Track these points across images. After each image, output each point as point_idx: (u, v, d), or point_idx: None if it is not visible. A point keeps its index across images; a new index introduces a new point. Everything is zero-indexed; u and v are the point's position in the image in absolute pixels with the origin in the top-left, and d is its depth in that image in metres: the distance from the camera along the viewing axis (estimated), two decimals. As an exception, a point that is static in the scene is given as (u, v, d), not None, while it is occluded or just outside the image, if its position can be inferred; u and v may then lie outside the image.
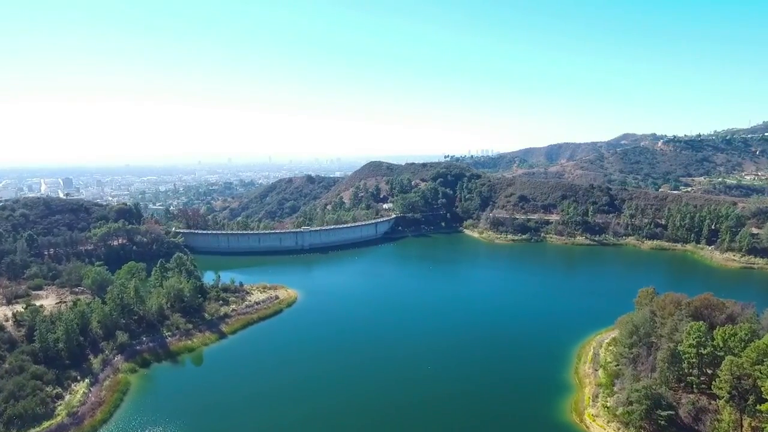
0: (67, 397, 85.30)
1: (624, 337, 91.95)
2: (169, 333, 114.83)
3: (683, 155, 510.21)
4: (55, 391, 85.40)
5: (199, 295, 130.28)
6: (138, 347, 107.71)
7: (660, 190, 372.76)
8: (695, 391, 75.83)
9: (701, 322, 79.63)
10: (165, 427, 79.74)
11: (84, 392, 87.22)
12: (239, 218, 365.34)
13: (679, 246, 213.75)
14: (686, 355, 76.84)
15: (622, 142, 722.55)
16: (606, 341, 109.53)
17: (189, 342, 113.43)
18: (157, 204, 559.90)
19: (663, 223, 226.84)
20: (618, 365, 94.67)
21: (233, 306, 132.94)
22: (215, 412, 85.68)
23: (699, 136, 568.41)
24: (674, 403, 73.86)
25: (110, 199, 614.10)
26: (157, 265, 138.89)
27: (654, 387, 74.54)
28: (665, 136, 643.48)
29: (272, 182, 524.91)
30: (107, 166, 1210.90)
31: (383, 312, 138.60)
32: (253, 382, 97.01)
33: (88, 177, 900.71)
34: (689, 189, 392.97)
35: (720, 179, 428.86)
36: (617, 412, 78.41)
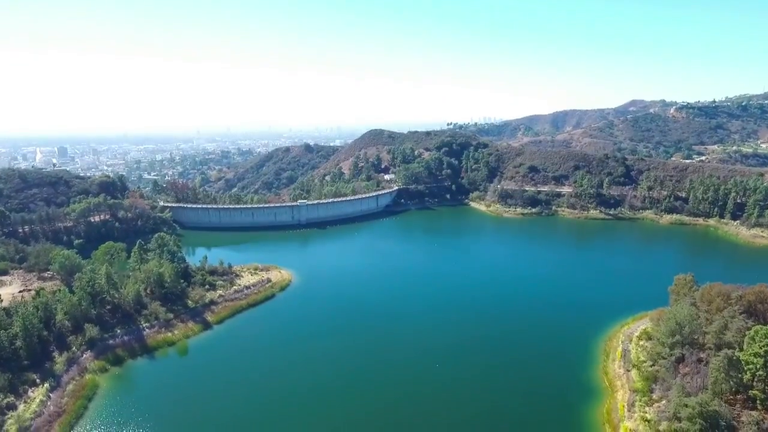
0: (21, 407, 73.75)
1: (663, 335, 79.63)
2: (147, 324, 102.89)
3: (696, 122, 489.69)
4: (6, 401, 73.74)
5: (182, 280, 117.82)
6: (111, 341, 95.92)
7: (672, 158, 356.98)
8: (759, 407, 63.89)
9: (768, 327, 66.91)
10: (133, 443, 68.90)
11: (41, 400, 75.69)
12: (234, 189, 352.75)
13: (700, 221, 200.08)
14: (749, 366, 64.47)
15: (630, 108, 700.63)
16: (636, 334, 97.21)
17: (169, 334, 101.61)
18: (153, 173, 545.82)
19: (683, 196, 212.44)
20: (654, 365, 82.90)
21: (220, 291, 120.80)
22: (196, 417, 74.78)
23: (714, 102, 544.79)
24: (734, 423, 61.93)
25: (105, 168, 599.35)
26: (136, 246, 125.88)
27: (708, 402, 62.38)
28: (675, 102, 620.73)
29: (270, 151, 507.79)
30: (105, 135, 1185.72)
31: (384, 296, 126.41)
32: (240, 380, 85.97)
33: (84, 146, 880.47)
34: (703, 158, 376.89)
35: (735, 147, 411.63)
36: (660, 428, 66.76)
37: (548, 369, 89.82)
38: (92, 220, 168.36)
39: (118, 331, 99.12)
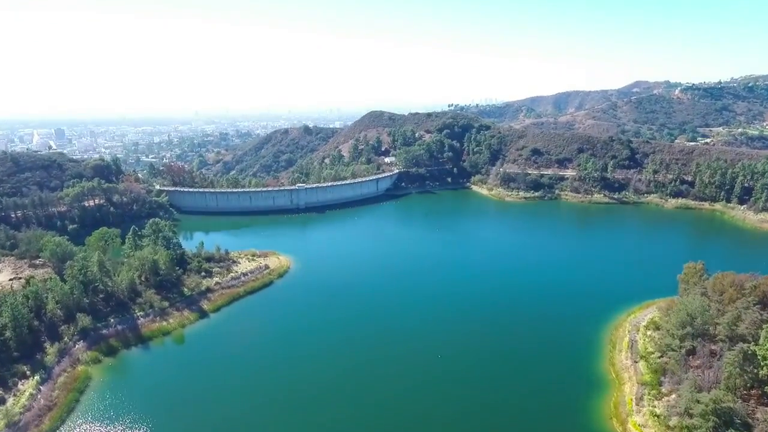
0: (10, 400, 71.50)
1: (674, 326, 76.93)
2: (142, 313, 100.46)
3: (701, 104, 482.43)
4: (-6, 394, 71.56)
5: (178, 267, 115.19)
6: (104, 331, 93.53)
7: (676, 141, 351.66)
8: (775, 404, 61.50)
9: (787, 320, 64.06)
10: (125, 439, 66.78)
11: (32, 393, 73.45)
12: (233, 172, 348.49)
13: (706, 205, 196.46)
14: (767, 361, 61.78)
15: (634, 90, 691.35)
16: (643, 324, 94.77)
17: (164, 323, 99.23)
18: (150, 156, 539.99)
19: (689, 179, 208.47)
20: (662, 356, 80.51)
21: (217, 279, 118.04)
22: (191, 409, 72.85)
23: (719, 83, 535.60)
24: (749, 420, 59.54)
25: (103, 150, 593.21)
26: (130, 233, 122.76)
27: (721, 398, 59.91)
28: (680, 83, 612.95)
29: (268, 133, 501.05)
30: (103, 117, 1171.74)
31: (384, 283, 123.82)
32: (237, 371, 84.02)
33: (82, 128, 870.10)
34: (708, 140, 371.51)
35: (741, 130, 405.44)
36: (670, 423, 64.52)
37: (553, 359, 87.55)
38: (86, 205, 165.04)
39: (112, 320, 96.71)
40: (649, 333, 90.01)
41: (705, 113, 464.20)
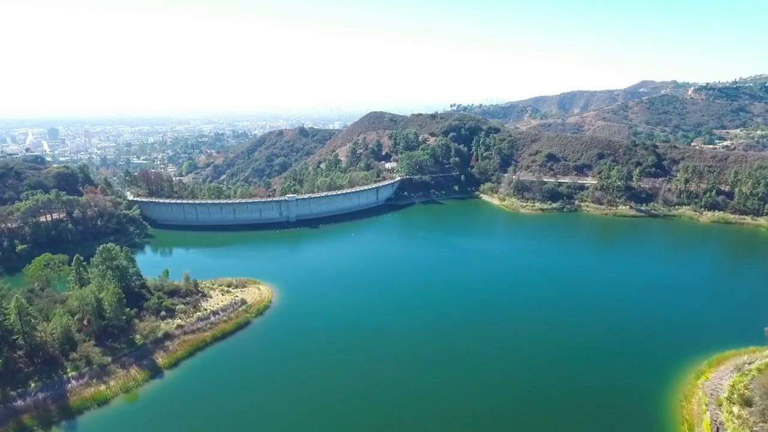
0: None
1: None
2: (75, 373, 78.46)
3: (716, 105, 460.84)
4: None
5: (130, 307, 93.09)
6: (18, 402, 71.49)
7: (692, 144, 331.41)
8: None
9: None
10: None
11: None
12: (223, 176, 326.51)
13: (748, 219, 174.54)
14: None
15: (641, 90, 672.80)
16: (723, 394, 72.60)
17: (102, 387, 77.22)
18: (142, 157, 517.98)
19: (726, 190, 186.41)
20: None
21: (179, 320, 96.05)
22: None
23: (735, 82, 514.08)
24: None
25: (96, 151, 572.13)
26: (74, 261, 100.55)
27: None
28: (687, 83, 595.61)
29: (263, 134, 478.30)
30: (101, 117, 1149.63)
31: (387, 322, 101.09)
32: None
33: (78, 127, 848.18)
34: (727, 143, 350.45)
35: (760, 132, 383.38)
36: None
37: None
38: (41, 221, 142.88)
39: (33, 385, 74.73)
40: (736, 410, 67.97)
41: (720, 114, 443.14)
